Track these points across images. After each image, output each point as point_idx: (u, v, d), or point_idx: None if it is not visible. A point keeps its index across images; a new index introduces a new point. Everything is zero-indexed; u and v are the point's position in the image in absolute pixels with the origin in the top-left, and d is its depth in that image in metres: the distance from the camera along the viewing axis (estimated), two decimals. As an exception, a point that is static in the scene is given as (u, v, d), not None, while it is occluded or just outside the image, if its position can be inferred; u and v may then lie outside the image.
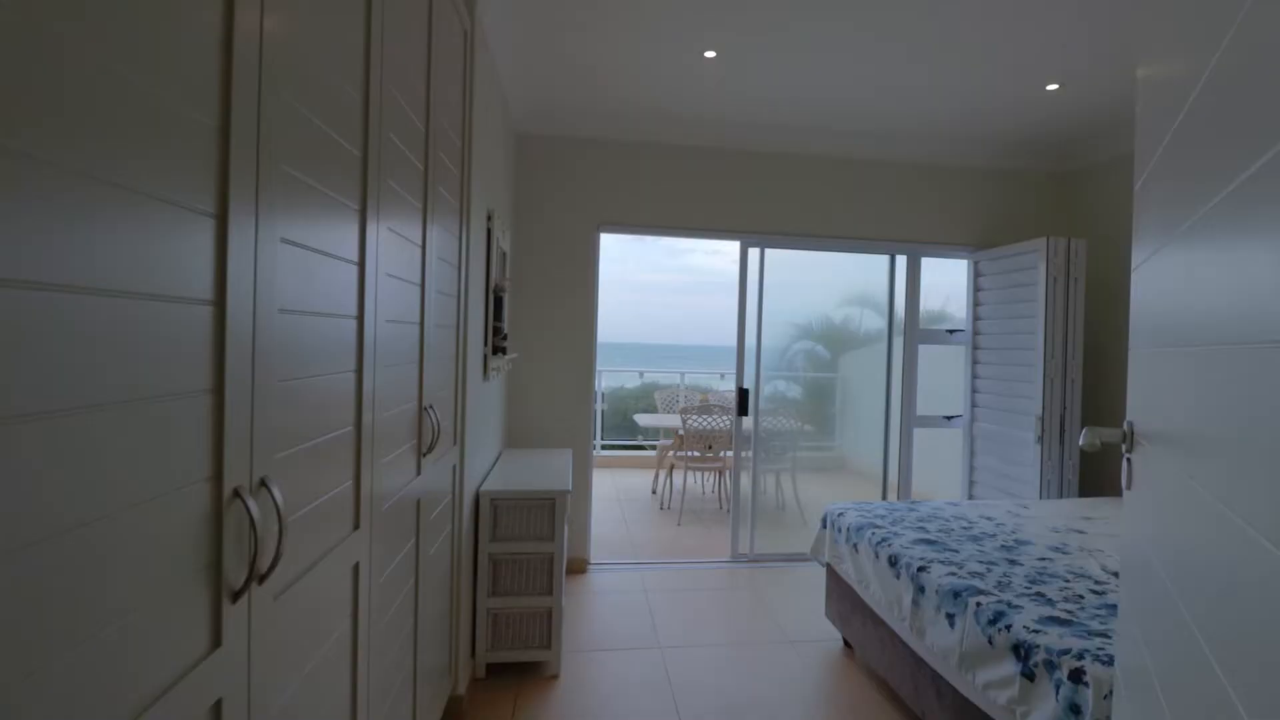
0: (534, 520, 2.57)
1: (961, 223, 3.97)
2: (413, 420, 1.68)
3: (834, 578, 2.84)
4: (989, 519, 2.68)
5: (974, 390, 3.94)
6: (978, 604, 1.86)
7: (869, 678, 2.59)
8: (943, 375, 4.25)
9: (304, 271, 1.00)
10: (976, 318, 3.92)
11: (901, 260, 4.02)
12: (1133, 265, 1.13)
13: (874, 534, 2.49)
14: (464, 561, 2.34)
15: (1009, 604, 1.83)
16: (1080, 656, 1.54)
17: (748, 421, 3.95)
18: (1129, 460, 1.06)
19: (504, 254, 3.10)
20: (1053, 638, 1.63)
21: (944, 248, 3.97)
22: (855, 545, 2.59)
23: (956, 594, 1.94)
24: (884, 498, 4.20)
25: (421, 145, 1.70)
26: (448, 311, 2.07)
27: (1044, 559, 2.20)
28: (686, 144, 3.75)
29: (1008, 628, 1.73)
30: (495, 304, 2.74)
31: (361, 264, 1.27)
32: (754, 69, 2.93)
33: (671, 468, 5.21)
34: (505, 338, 2.82)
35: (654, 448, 6.55)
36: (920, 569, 2.14)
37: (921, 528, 2.54)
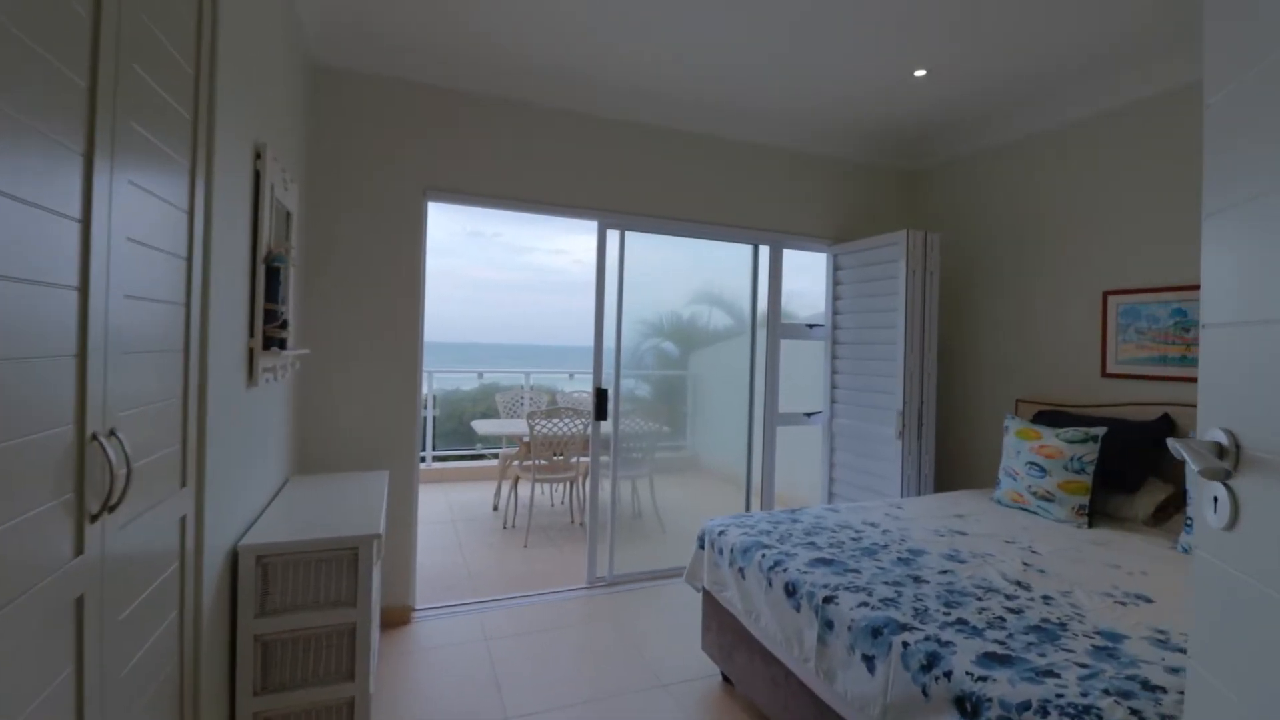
0: (327, 579, 1.84)
1: (823, 215, 3.85)
2: (60, 460, 0.94)
3: (713, 605, 2.45)
4: (873, 525, 2.46)
5: (833, 386, 3.84)
6: (904, 644, 1.54)
7: (756, 722, 2.23)
8: (802, 371, 4.12)
9: None
10: (836, 312, 3.82)
11: (765, 251, 3.80)
12: (1206, 212, 0.81)
13: (764, 556, 2.13)
14: (208, 653, 1.57)
15: (939, 641, 1.52)
16: (1044, 711, 1.25)
17: (605, 425, 3.48)
18: (1230, 489, 0.72)
19: (288, 214, 2.30)
20: (1003, 685, 1.34)
21: (805, 240, 3.82)
22: (741, 570, 2.21)
23: (876, 631, 1.62)
24: (747, 499, 3.97)
25: (81, -27, 0.97)
26: (164, 278, 1.32)
27: (945, 571, 1.98)
28: (540, 103, 3.18)
29: (946, 675, 1.42)
30: (268, 279, 1.96)
31: None
32: (617, 15, 2.45)
33: (516, 479, 4.58)
34: (286, 326, 2.04)
35: (495, 456, 5.85)
36: (827, 599, 1.80)
37: (811, 543, 2.23)
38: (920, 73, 2.90)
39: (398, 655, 2.61)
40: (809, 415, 3.94)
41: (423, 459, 6.08)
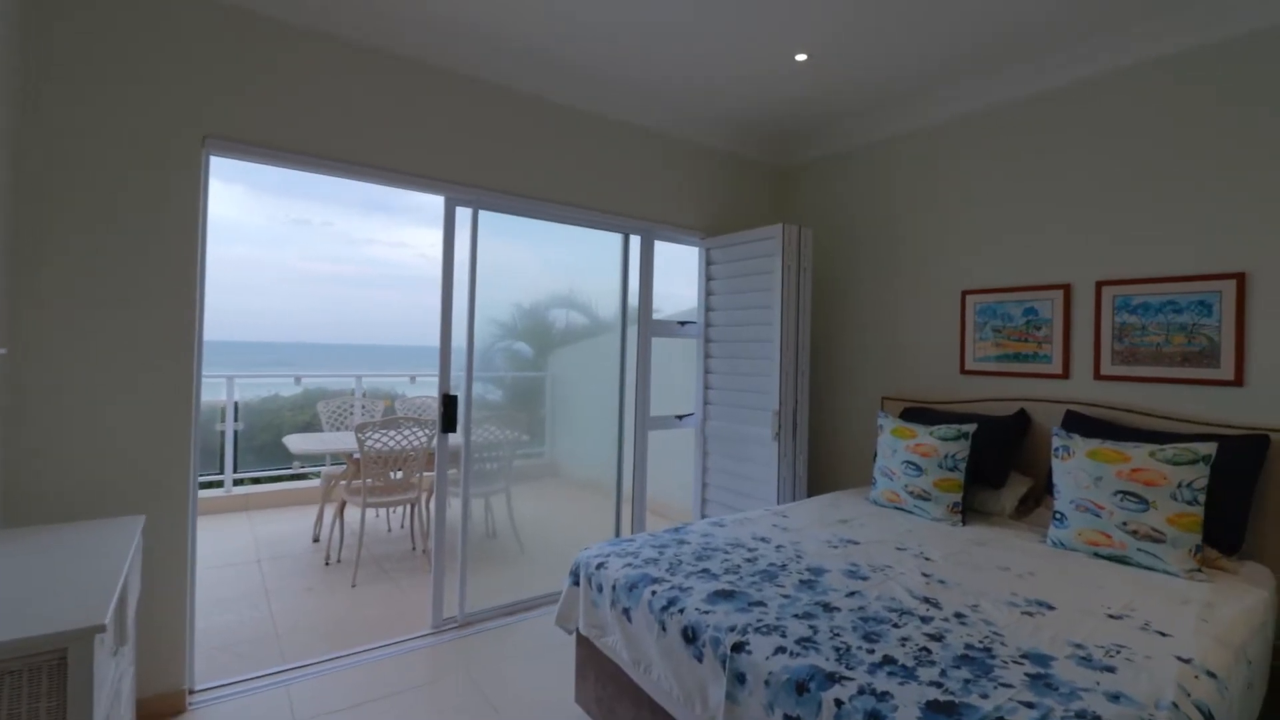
0: (14, 700, 1.19)
1: (695, 207, 3.63)
2: None
3: (590, 650, 2.07)
4: (764, 540, 2.24)
5: (707, 387, 3.63)
6: (837, 702, 1.27)
7: (645, 787, 1.88)
8: (674, 371, 3.89)
9: None
10: (709, 308, 3.62)
11: (636, 241, 3.49)
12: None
13: (654, 594, 1.79)
14: None
15: (874, 693, 1.28)
16: (1017, 783, 1.03)
17: (455, 437, 2.95)
18: None
19: (-42, 145, 1.53)
20: (961, 750, 1.11)
21: (678, 231, 3.57)
22: (626, 611, 1.85)
23: (800, 687, 1.34)
24: (618, 508, 3.64)
25: None
26: None
27: (852, 593, 1.78)
28: (373, 45, 2.57)
29: (893, 741, 1.17)
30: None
31: None
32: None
33: (343, 504, 3.84)
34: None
35: (318, 475, 4.98)
36: (736, 647, 1.50)
37: (705, 570, 1.94)
38: (801, 57, 2.75)
39: (160, 768, 1.90)
40: (681, 418, 3.70)
41: (219, 484, 5.00)
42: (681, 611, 1.68)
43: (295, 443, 4.00)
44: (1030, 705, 1.23)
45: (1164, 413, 2.36)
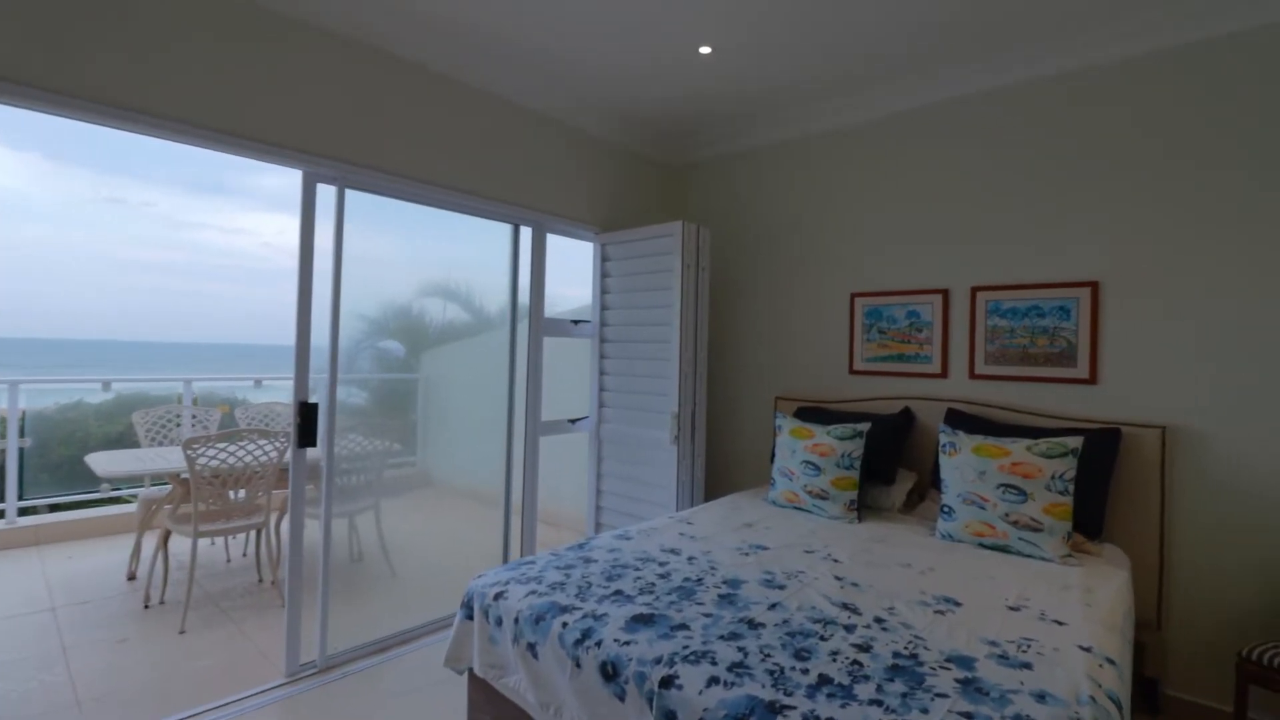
0: None
1: (590, 201, 3.45)
2: None
3: (486, 691, 1.82)
4: (674, 552, 2.12)
5: (601, 389, 3.47)
6: (783, 737, 1.16)
7: (552, 840, 1.67)
8: (566, 373, 3.68)
9: None
10: (604, 307, 3.45)
11: (526, 233, 3.24)
12: None
13: (566, 626, 1.59)
14: None
15: (819, 721, 1.18)
16: (980, 812, 0.97)
17: (314, 451, 2.54)
18: None
19: None
20: (917, 779, 1.04)
21: (572, 224, 3.37)
22: (532, 647, 1.63)
23: (740, 722, 1.21)
24: (506, 520, 3.35)
25: None
26: None
27: (773, 606, 1.70)
28: (190, -26, 2.11)
29: (847, 777, 1.07)
30: None
31: None
32: None
33: (166, 533, 3.21)
34: None
35: (135, 499, 4.17)
36: (665, 681, 1.34)
37: (618, 592, 1.77)
38: (705, 50, 2.67)
39: None
40: (574, 421, 3.51)
41: (-3, 515, 4.04)
42: (599, 645, 1.50)
43: (101, 463, 3.28)
44: (969, 716, 1.20)
45: (1031, 409, 2.56)
